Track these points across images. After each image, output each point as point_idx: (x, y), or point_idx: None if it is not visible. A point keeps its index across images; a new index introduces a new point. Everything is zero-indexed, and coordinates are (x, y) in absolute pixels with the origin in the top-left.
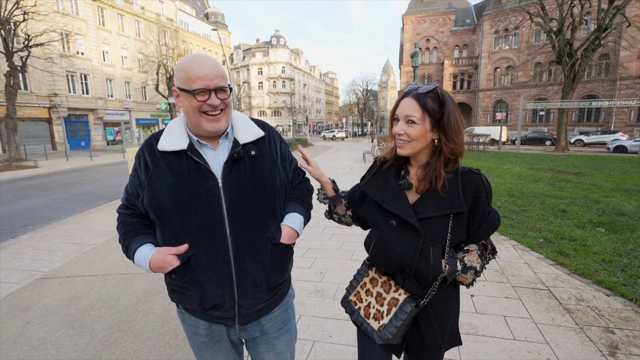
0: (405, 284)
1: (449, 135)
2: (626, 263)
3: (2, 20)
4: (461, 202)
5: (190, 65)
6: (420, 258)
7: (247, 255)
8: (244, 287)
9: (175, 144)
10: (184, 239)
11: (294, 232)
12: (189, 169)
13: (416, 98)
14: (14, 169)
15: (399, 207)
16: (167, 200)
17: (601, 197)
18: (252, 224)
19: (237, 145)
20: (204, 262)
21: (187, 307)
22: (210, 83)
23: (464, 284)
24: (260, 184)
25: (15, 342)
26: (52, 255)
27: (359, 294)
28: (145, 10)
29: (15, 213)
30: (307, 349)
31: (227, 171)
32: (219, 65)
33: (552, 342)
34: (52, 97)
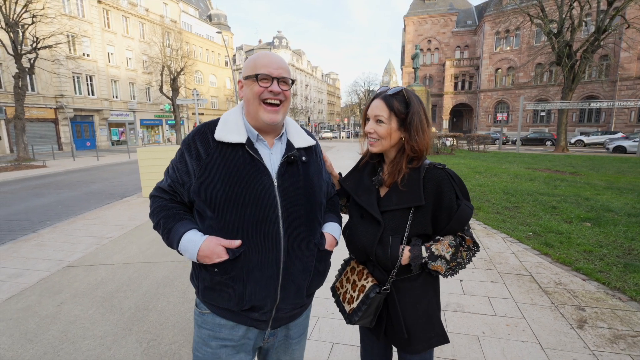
0: (374, 272)
1: (411, 134)
2: (605, 253)
3: (11, 23)
4: (420, 197)
5: (259, 56)
6: (379, 245)
7: (296, 259)
8: (287, 291)
9: (233, 136)
10: (235, 234)
11: (334, 240)
12: (244, 163)
13: (384, 99)
14: (23, 169)
15: (367, 201)
16: (220, 192)
17: (592, 194)
18: (304, 228)
19: (291, 148)
20: (254, 260)
21: (221, 305)
22: (275, 71)
23: (439, 273)
24: (310, 190)
25: (53, 318)
26: (73, 247)
27: (341, 281)
28: (149, 12)
29: (32, 210)
30: (312, 323)
31: (282, 172)
32: (285, 62)
33: (529, 317)
34: (59, 98)
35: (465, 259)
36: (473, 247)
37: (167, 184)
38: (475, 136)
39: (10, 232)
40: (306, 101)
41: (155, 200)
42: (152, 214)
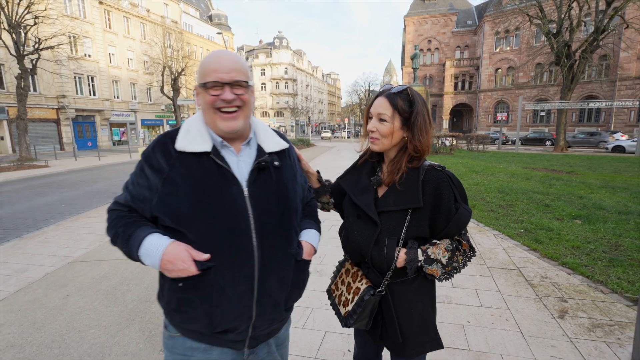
0: (368, 274)
1: (415, 134)
2: (592, 249)
3: (14, 24)
4: (418, 198)
5: (208, 59)
6: (375, 247)
7: (271, 272)
8: (263, 307)
9: (196, 145)
10: (204, 248)
11: (313, 249)
12: (210, 172)
13: (388, 97)
14: (26, 168)
15: (364, 201)
16: (185, 205)
17: (586, 193)
18: (279, 238)
19: (262, 153)
20: (226, 276)
21: (189, 328)
22: (225, 76)
23: (434, 277)
24: (285, 197)
25: (60, 309)
26: (77, 243)
27: (337, 283)
28: (150, 12)
29: (36, 208)
30: (307, 313)
31: (253, 179)
32: (240, 60)
33: (513, 308)
34: (61, 98)
35: (461, 263)
36: (469, 252)
37: (125, 200)
38: (475, 136)
39: (15, 230)
40: (307, 101)
41: (113, 213)
42: (110, 226)
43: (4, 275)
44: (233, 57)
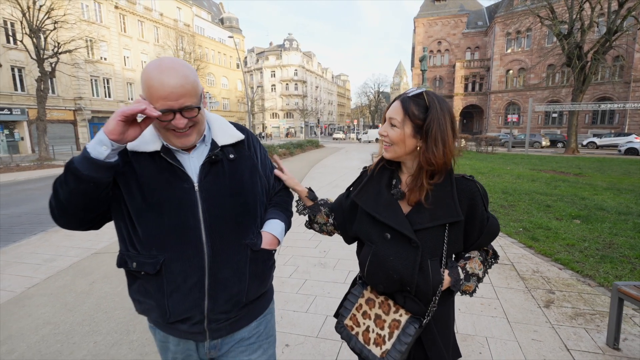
0: (406, 303)
1: (428, 144)
2: (586, 246)
3: (35, 29)
4: (457, 211)
5: (153, 81)
6: (419, 273)
7: (224, 264)
8: (216, 300)
9: (147, 145)
10: (154, 243)
11: (274, 239)
12: (161, 170)
13: (402, 101)
14: (45, 168)
15: (394, 218)
16: (138, 200)
17: (590, 194)
18: (231, 231)
19: (215, 147)
20: (175, 270)
21: (151, 318)
22: (175, 104)
23: (467, 292)
24: (240, 189)
25: (87, 294)
26: (98, 237)
27: (354, 317)
28: (163, 16)
29: None
30: (310, 300)
31: (205, 174)
32: (188, 77)
33: (502, 298)
34: (78, 100)
35: (486, 272)
36: (491, 259)
37: None
38: (484, 138)
39: (40, 224)
40: (316, 103)
41: None
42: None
43: (35, 264)
44: (179, 78)
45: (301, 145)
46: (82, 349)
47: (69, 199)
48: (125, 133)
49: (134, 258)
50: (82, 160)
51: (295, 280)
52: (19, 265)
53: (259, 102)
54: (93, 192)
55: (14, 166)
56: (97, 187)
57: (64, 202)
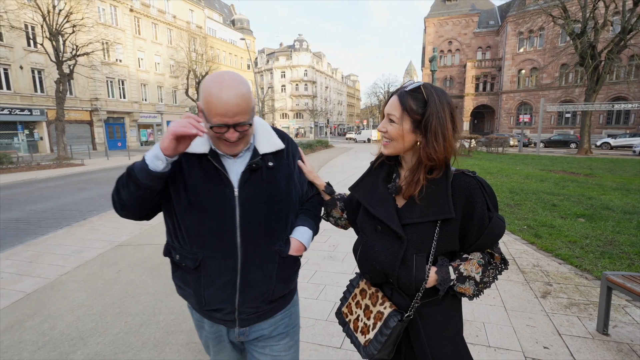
0: (392, 296)
1: (428, 139)
2: (588, 243)
3: (54, 32)
4: (449, 208)
5: (213, 97)
6: (402, 266)
7: (254, 266)
8: (245, 296)
9: (197, 147)
10: (195, 240)
11: (301, 246)
12: (207, 172)
13: (399, 96)
14: (64, 167)
15: (384, 212)
16: (183, 199)
17: (598, 194)
18: (263, 236)
19: (256, 155)
20: (212, 266)
21: (190, 303)
22: (230, 120)
23: (465, 295)
24: (275, 197)
25: (115, 281)
26: (120, 231)
27: (350, 305)
28: (176, 19)
29: (79, 201)
30: (320, 289)
31: (244, 180)
32: (244, 95)
33: (502, 289)
34: (94, 101)
35: (492, 277)
36: (500, 265)
37: None
38: (494, 138)
39: (65, 219)
40: (326, 103)
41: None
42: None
43: (64, 255)
44: (237, 97)
45: (311, 146)
46: (115, 327)
47: (129, 199)
48: (177, 147)
49: (177, 250)
50: (142, 171)
51: (306, 271)
52: (49, 255)
53: (269, 103)
54: (148, 196)
55: (35, 165)
56: (152, 192)
57: (125, 200)
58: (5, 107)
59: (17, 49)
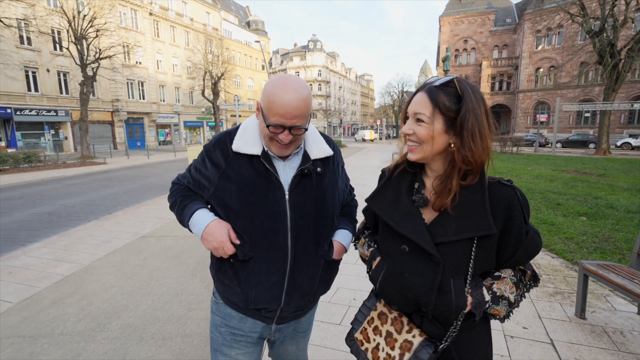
0: (423, 324)
1: (464, 140)
2: (584, 239)
3: (79, 37)
4: (489, 223)
5: (276, 97)
6: (439, 294)
7: (302, 270)
8: (291, 297)
9: (249, 147)
10: (247, 240)
11: (343, 249)
12: (258, 174)
13: (428, 92)
14: (88, 165)
15: (412, 229)
16: (235, 201)
17: (606, 194)
18: (311, 240)
19: (307, 160)
20: (262, 267)
21: (230, 299)
22: (287, 122)
23: (496, 317)
24: (323, 202)
25: (141, 266)
26: (143, 224)
27: (365, 331)
28: (194, 21)
29: (104, 197)
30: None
31: (295, 185)
32: (306, 100)
33: None
34: (115, 102)
35: (521, 297)
36: (529, 282)
37: (187, 180)
38: (509, 138)
39: (92, 213)
40: (339, 103)
41: (176, 185)
42: (171, 195)
43: (95, 244)
44: (299, 101)
45: None
46: (143, 304)
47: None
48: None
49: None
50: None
51: None
52: (82, 244)
53: None
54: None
55: (61, 163)
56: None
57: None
58: (34, 108)
59: (44, 53)
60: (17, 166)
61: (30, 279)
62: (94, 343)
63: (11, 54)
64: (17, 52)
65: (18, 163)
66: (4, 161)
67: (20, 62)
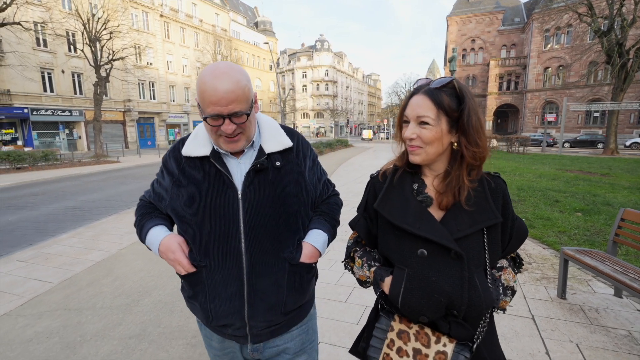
0: (451, 329)
1: (470, 137)
2: (576, 233)
3: (93, 39)
4: (494, 212)
5: (206, 86)
6: (471, 290)
7: (262, 275)
8: (255, 308)
9: (199, 150)
10: (198, 249)
11: (315, 252)
12: (210, 176)
13: (429, 94)
14: (102, 163)
15: (430, 229)
16: (186, 208)
17: (605, 192)
18: (270, 241)
19: (261, 154)
20: (216, 277)
21: (198, 317)
22: (224, 109)
23: (502, 308)
24: (282, 198)
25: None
26: None
27: (388, 357)
28: (203, 22)
29: (122, 193)
30: (347, 292)
31: (249, 182)
32: (239, 82)
33: None
34: (127, 102)
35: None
36: (518, 267)
37: (149, 196)
38: (515, 138)
39: (112, 208)
40: (346, 102)
41: (139, 202)
42: (135, 213)
43: (119, 235)
44: (231, 84)
45: (330, 145)
46: (170, 285)
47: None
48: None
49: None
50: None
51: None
52: (107, 235)
53: (290, 103)
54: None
55: (77, 162)
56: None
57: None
58: (49, 108)
59: (59, 55)
60: (35, 164)
61: (66, 263)
62: (131, 315)
63: (28, 56)
64: (34, 54)
65: (36, 161)
66: (24, 159)
67: (36, 64)
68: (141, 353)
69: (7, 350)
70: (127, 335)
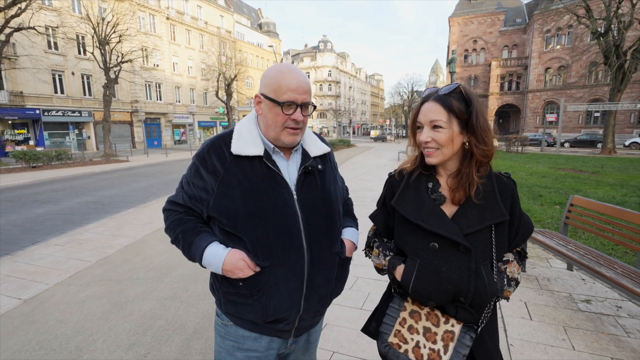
0: (457, 313)
1: (479, 136)
2: (549, 222)
3: (103, 42)
4: (502, 210)
5: (284, 75)
6: (477, 280)
7: (319, 270)
8: (310, 301)
9: (250, 149)
10: (260, 249)
11: (353, 246)
12: (263, 176)
13: (439, 100)
14: (112, 162)
15: (441, 226)
16: (241, 207)
17: (589, 188)
18: (324, 239)
19: (308, 157)
20: (279, 274)
21: (245, 317)
22: (299, 97)
23: (506, 297)
24: (328, 199)
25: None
26: None
27: (400, 333)
28: (208, 24)
29: (135, 190)
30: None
31: (301, 183)
32: (309, 81)
33: None
34: (134, 103)
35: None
36: (523, 260)
37: (181, 199)
38: (514, 137)
39: (130, 202)
40: (349, 103)
41: (170, 213)
42: (169, 228)
43: (140, 225)
44: (305, 77)
45: (333, 145)
46: (188, 267)
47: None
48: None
49: None
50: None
51: None
52: (129, 225)
53: None
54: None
55: (88, 161)
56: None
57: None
58: (60, 109)
59: (70, 57)
60: (49, 163)
61: (99, 247)
62: (163, 283)
63: (41, 59)
64: (46, 57)
65: (50, 160)
66: (39, 158)
67: (48, 66)
68: (175, 309)
69: (67, 308)
70: (162, 297)
